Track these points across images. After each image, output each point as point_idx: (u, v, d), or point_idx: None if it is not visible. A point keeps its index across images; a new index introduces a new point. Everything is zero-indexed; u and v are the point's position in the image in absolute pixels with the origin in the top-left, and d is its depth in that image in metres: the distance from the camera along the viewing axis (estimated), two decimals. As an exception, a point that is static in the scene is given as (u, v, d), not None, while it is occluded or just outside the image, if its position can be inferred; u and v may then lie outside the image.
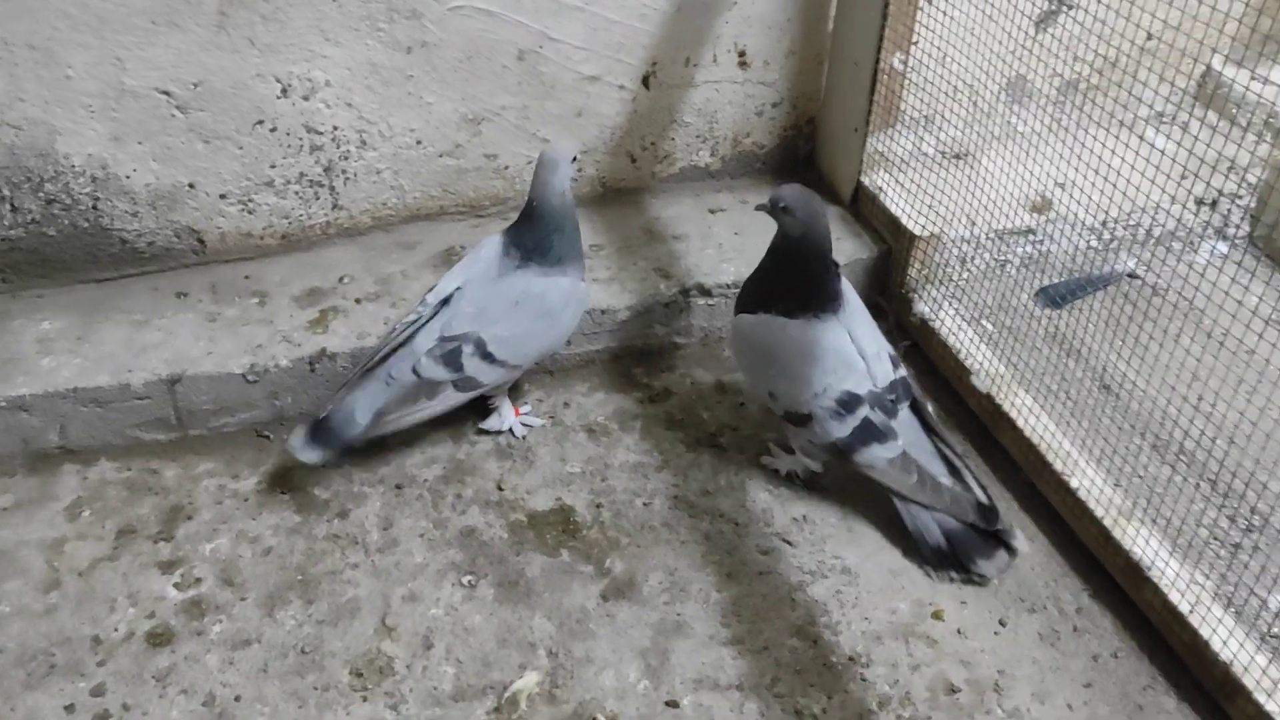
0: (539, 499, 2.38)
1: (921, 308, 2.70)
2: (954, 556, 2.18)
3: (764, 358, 2.28)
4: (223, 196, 2.67)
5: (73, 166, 2.52)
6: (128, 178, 2.57)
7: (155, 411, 2.45)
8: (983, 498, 2.20)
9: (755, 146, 3.06)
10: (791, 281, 2.22)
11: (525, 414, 2.55)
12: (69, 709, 1.95)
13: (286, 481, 2.41)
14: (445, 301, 2.34)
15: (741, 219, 2.94)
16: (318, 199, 2.75)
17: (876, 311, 2.84)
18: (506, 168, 2.86)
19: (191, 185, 2.63)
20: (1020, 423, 2.36)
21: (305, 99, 2.59)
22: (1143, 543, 2.07)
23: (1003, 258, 2.83)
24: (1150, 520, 2.13)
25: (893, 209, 2.75)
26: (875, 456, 2.20)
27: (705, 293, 2.71)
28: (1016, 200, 2.54)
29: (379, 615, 2.12)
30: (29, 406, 2.39)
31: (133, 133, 2.52)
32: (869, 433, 2.19)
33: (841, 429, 2.19)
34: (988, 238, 2.77)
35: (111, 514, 2.33)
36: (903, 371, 2.32)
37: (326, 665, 2.02)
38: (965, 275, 2.75)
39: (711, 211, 2.96)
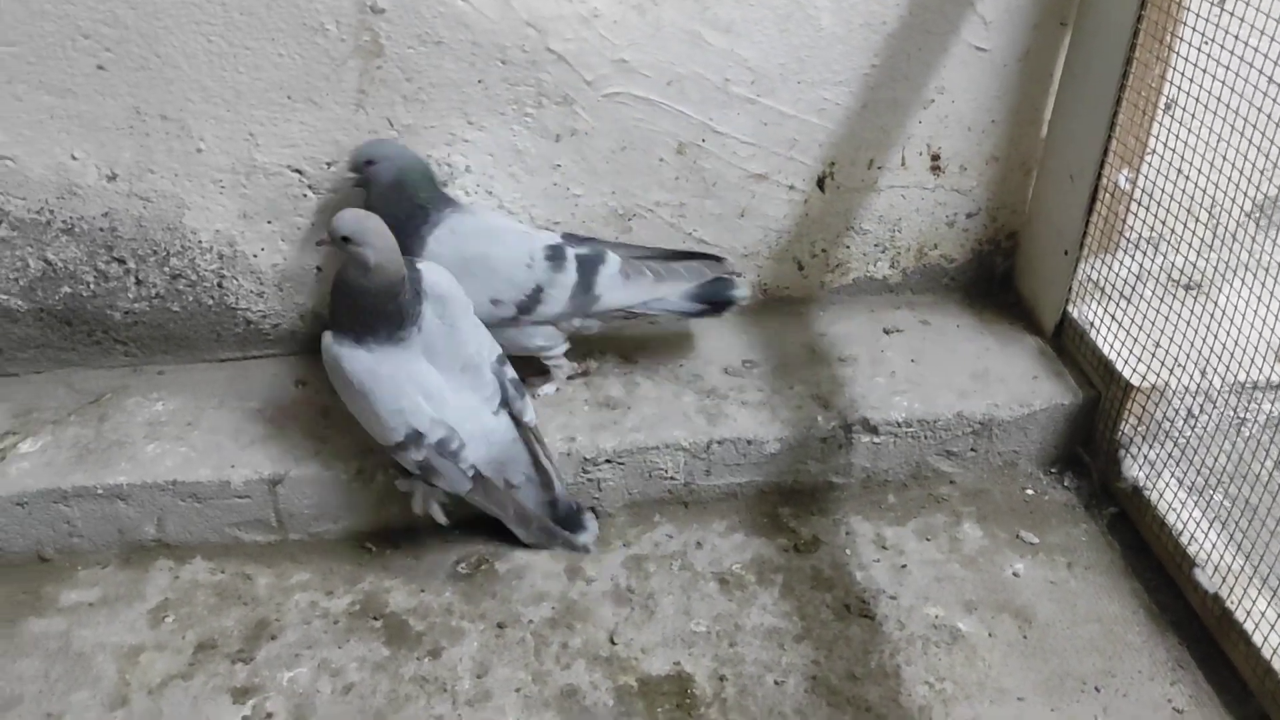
0: (655, 660, 2.05)
1: (1135, 471, 2.25)
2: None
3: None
4: (352, 282, 2.49)
5: (200, 242, 2.38)
6: (255, 256, 2.42)
7: (255, 512, 2.27)
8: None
9: (943, 260, 2.68)
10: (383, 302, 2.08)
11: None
12: None
13: (381, 605, 2.17)
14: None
15: (921, 343, 2.55)
16: (451, 290, 2.54)
17: (1079, 470, 2.42)
18: (659, 268, 2.58)
19: (319, 269, 2.46)
20: (1257, 638, 1.88)
21: (444, 184, 2.38)
22: None
23: (1242, 415, 2.35)
24: None
25: (1105, 349, 2.32)
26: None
27: (871, 429, 2.34)
28: (1265, 345, 2.08)
29: (453, 793, 1.84)
30: (127, 496, 2.23)
31: (262, 211, 2.36)
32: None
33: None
34: (1225, 390, 2.29)
35: (196, 623, 2.13)
36: None
37: None
38: (1192, 433, 2.28)
39: (887, 332, 2.58)
